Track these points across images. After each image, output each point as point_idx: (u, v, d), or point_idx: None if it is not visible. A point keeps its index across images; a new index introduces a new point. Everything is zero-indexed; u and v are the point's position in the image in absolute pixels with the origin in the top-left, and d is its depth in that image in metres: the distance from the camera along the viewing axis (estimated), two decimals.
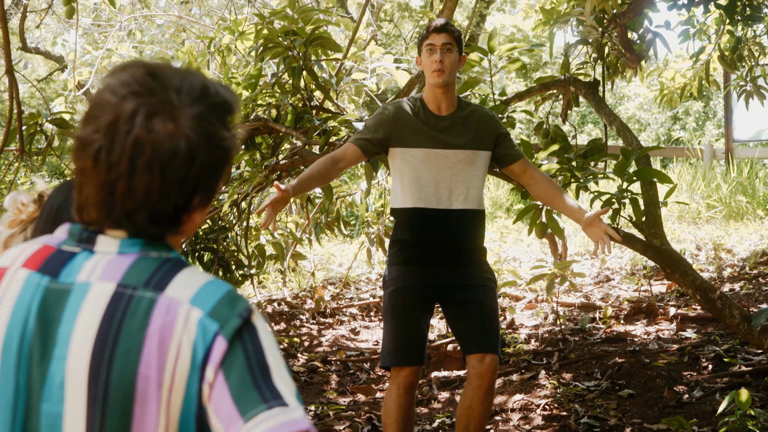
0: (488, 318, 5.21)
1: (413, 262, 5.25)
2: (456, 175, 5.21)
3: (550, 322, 8.86)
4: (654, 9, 8.08)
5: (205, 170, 1.87)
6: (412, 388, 5.24)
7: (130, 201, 1.85)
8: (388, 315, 5.28)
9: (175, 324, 1.82)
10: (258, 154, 7.28)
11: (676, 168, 15.87)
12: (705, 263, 10.65)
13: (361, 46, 10.33)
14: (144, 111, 1.82)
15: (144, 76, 1.86)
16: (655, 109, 26.41)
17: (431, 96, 5.29)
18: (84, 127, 1.86)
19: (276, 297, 10.40)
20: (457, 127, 5.26)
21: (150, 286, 1.85)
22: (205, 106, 1.87)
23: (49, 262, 1.92)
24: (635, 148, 6.72)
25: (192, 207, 1.91)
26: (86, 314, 1.84)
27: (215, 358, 1.80)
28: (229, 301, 1.85)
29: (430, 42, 5.22)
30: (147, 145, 1.81)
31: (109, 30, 13.90)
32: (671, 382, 6.84)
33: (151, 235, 1.91)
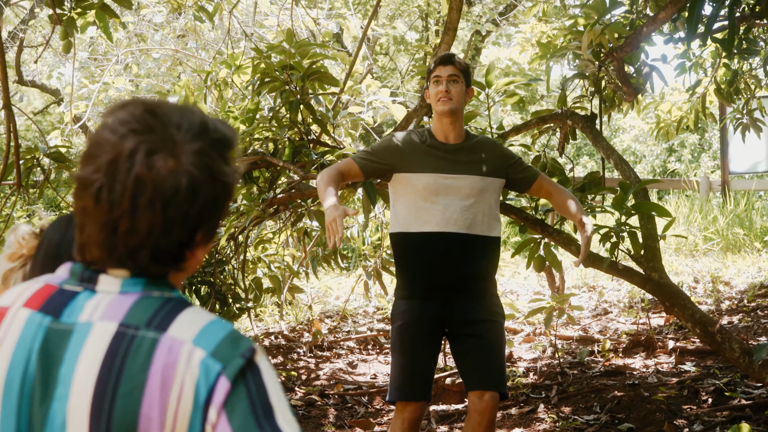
0: (491, 355, 5.17)
1: (418, 295, 5.21)
2: (464, 201, 5.17)
3: (549, 355, 8.84)
4: (650, 43, 8.10)
5: (208, 206, 1.87)
6: (417, 423, 5.22)
7: (133, 239, 1.84)
8: (395, 349, 5.27)
9: (177, 364, 1.80)
10: (255, 187, 7.28)
11: (672, 200, 15.88)
12: (703, 296, 10.64)
13: (358, 80, 10.35)
14: (144, 149, 1.82)
15: (143, 113, 1.86)
16: (650, 141, 26.45)
17: (439, 126, 5.30)
18: (84, 167, 1.86)
19: (273, 330, 10.37)
20: (466, 154, 5.26)
21: (152, 326, 1.84)
22: (205, 141, 1.87)
23: (51, 302, 1.91)
24: (633, 182, 6.72)
25: (195, 243, 1.91)
26: (88, 354, 1.83)
27: (218, 398, 1.78)
28: (231, 340, 1.84)
29: (437, 74, 5.27)
30: (148, 182, 1.81)
31: (105, 64, 13.92)
32: (671, 415, 6.81)
33: (153, 273, 1.90)
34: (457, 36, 22.15)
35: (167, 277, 1.93)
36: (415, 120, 7.12)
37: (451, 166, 5.21)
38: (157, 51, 14.00)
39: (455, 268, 5.17)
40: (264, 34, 12.57)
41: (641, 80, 8.18)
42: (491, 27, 18.88)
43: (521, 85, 7.57)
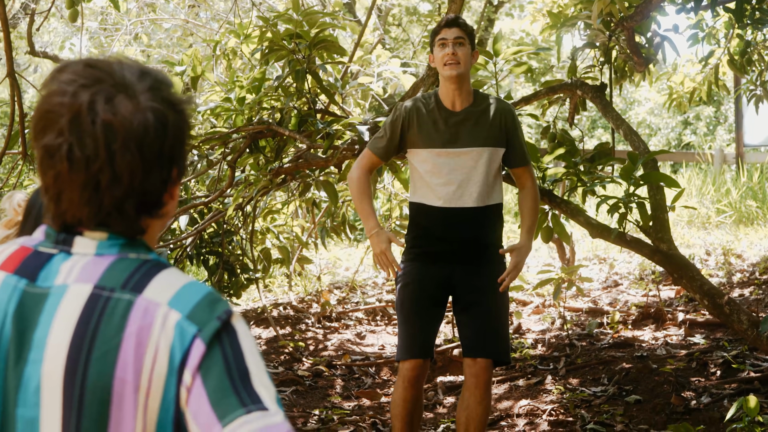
0: (490, 323, 5.24)
1: (424, 259, 5.30)
2: (468, 174, 5.21)
3: (557, 327, 8.81)
4: (662, 12, 8.02)
5: (177, 137, 1.87)
6: (417, 381, 5.27)
7: (118, 189, 1.81)
8: (398, 310, 5.38)
9: (152, 326, 1.77)
10: (262, 157, 7.24)
11: (686, 173, 15.80)
12: (714, 268, 10.59)
13: (368, 50, 10.29)
14: (102, 97, 1.79)
15: (85, 68, 1.83)
16: (665, 113, 26.34)
17: (445, 91, 5.28)
18: (43, 137, 1.82)
19: (282, 301, 10.36)
20: (470, 124, 5.25)
21: (128, 288, 1.81)
22: (151, 79, 1.86)
23: (26, 265, 1.88)
24: (642, 152, 6.66)
25: (172, 181, 1.89)
26: (62, 317, 1.80)
27: (193, 361, 1.76)
28: (208, 303, 1.81)
29: (442, 37, 5.23)
30: (117, 126, 1.79)
31: (115, 34, 13.87)
32: (679, 388, 6.78)
33: (135, 230, 1.88)
34: (471, 7, 22.09)
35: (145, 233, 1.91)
36: (422, 89, 7.07)
37: (456, 139, 5.22)
38: (168, 21, 13.95)
39: (461, 238, 5.25)
40: (274, 5, 12.50)
41: (652, 50, 8.10)
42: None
43: (532, 56, 7.50)
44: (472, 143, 5.21)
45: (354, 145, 6.73)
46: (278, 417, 1.71)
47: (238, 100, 7.05)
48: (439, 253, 5.27)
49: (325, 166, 7.07)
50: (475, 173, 5.21)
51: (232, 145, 7.40)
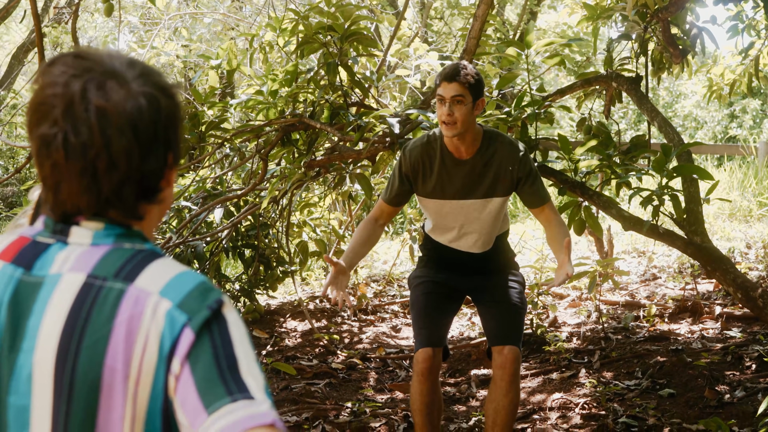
0: (508, 313, 5.29)
1: (439, 265, 5.47)
2: (472, 224, 5.28)
3: (593, 320, 8.76)
4: (700, 4, 7.95)
5: (171, 121, 1.89)
6: (431, 372, 5.24)
7: (116, 173, 1.82)
8: (411, 306, 5.44)
9: (143, 315, 1.78)
10: (295, 150, 7.26)
11: (730, 166, 15.67)
12: (755, 261, 10.49)
13: (406, 43, 10.28)
14: (93, 85, 1.82)
15: (74, 59, 1.86)
16: (712, 106, 26.12)
17: (449, 141, 5.16)
18: (37, 128, 1.84)
19: (318, 294, 10.38)
20: (476, 175, 5.18)
21: (120, 277, 1.82)
22: (140, 67, 1.89)
23: (23, 254, 1.90)
24: (676, 145, 6.62)
25: (168, 166, 1.91)
26: (55, 305, 1.82)
27: (182, 349, 1.77)
28: (200, 292, 1.82)
29: (440, 93, 5.02)
30: (111, 111, 1.81)
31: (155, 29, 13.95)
32: (713, 381, 6.73)
33: (135, 215, 1.90)
34: (513, 0, 22.02)
35: (143, 220, 1.93)
36: None
37: (456, 191, 5.21)
38: (208, 16, 14.01)
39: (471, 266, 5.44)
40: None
41: (689, 42, 8.04)
42: None
43: (573, 49, 7.47)
44: (479, 195, 5.18)
45: (385, 137, 6.73)
46: (264, 406, 1.72)
47: (271, 93, 7.07)
48: (452, 264, 5.44)
49: (358, 159, 7.07)
50: (479, 223, 5.27)
51: (265, 138, 7.43)
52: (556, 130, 18.70)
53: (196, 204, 8.18)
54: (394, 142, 6.60)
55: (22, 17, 17.64)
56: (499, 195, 5.22)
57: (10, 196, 17.33)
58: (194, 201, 8.27)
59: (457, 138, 5.09)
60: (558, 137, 6.54)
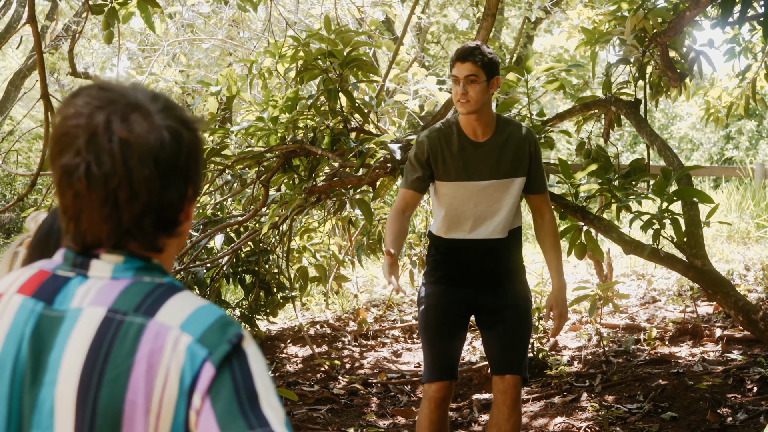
0: (513, 340, 5.27)
1: (446, 281, 5.33)
2: (491, 206, 5.23)
3: (594, 343, 8.77)
4: (698, 27, 8.00)
5: (192, 154, 1.90)
6: (443, 403, 5.29)
7: (137, 204, 1.84)
8: (421, 332, 5.39)
9: (163, 350, 1.79)
10: (296, 176, 7.28)
11: (727, 188, 15.69)
12: (753, 284, 10.50)
13: (404, 68, 10.31)
14: (117, 116, 1.84)
15: (99, 91, 1.88)
16: (707, 128, 26.18)
17: (465, 122, 5.24)
18: (60, 158, 1.85)
19: (319, 319, 10.38)
20: (494, 156, 5.22)
21: (140, 312, 1.83)
22: (164, 101, 1.91)
23: (44, 288, 1.91)
24: (675, 168, 6.65)
25: (188, 198, 1.92)
26: (76, 340, 1.82)
27: (202, 384, 1.77)
28: (219, 326, 1.83)
29: (454, 73, 5.14)
30: (133, 143, 1.82)
31: (153, 55, 13.99)
32: (715, 404, 6.74)
33: (154, 247, 1.91)
34: (509, 24, 22.10)
35: (162, 252, 1.94)
36: (454, 107, 7.08)
37: (476, 171, 5.22)
38: (206, 41, 14.05)
39: (480, 268, 5.31)
40: (311, 23, 12.56)
41: (686, 65, 8.08)
42: (541, 14, 18.75)
43: (570, 72, 7.50)
44: (497, 176, 5.21)
45: (386, 163, 6.75)
46: None
47: (272, 119, 7.09)
48: (459, 276, 5.32)
49: (358, 185, 7.09)
50: (501, 204, 5.24)
51: (266, 164, 7.44)
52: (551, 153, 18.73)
53: (197, 230, 8.19)
54: (395, 168, 6.62)
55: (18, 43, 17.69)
56: (520, 175, 5.26)
57: (7, 223, 17.32)
58: (194, 227, 8.28)
59: (474, 118, 5.18)
60: (558, 162, 6.57)
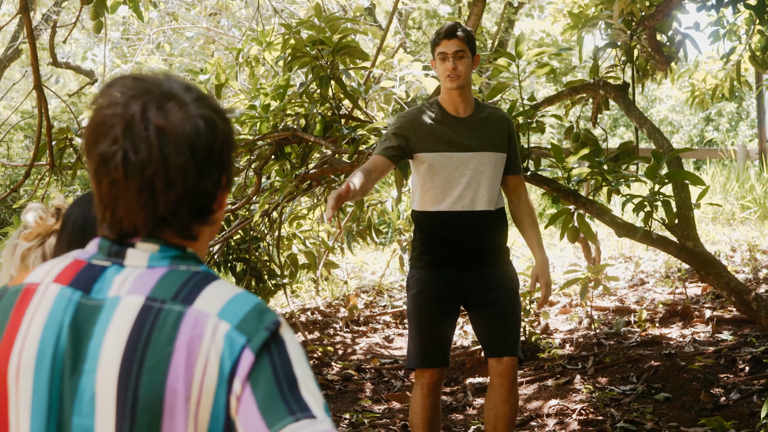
0: (506, 321, 5.30)
1: (434, 265, 5.33)
2: (477, 177, 5.27)
3: (585, 326, 8.81)
4: (683, 11, 8.03)
5: (226, 143, 1.92)
6: (436, 388, 5.35)
7: (173, 191, 1.85)
8: (411, 318, 5.40)
9: (202, 337, 1.81)
10: (288, 163, 7.29)
11: (710, 169, 15.76)
12: (740, 264, 10.57)
13: (390, 54, 10.32)
14: (153, 105, 1.85)
15: (133, 81, 1.90)
16: (687, 111, 26.29)
17: (448, 99, 5.35)
18: (96, 147, 1.87)
19: (309, 306, 10.40)
20: (476, 129, 5.32)
21: (178, 300, 1.85)
22: (196, 91, 1.92)
23: (81, 277, 1.92)
24: (666, 151, 6.69)
25: (222, 187, 1.94)
26: (115, 328, 1.84)
27: (242, 370, 1.79)
28: (257, 314, 1.85)
29: (442, 50, 5.26)
30: (169, 131, 1.84)
31: (138, 44, 13.96)
32: (708, 384, 6.79)
33: (189, 235, 1.93)
34: (490, 8, 22.11)
35: (197, 241, 1.96)
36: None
37: (461, 142, 5.28)
38: (190, 30, 14.02)
39: (467, 243, 5.30)
40: (295, 11, 12.55)
41: (674, 49, 8.12)
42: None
43: (553, 56, 7.54)
44: (481, 148, 5.28)
45: None
46: (326, 424, 1.75)
47: (263, 107, 7.10)
48: (447, 258, 5.30)
49: (350, 171, 7.10)
50: (485, 177, 5.28)
51: (258, 152, 7.45)
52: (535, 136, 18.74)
53: None
54: None
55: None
56: (501, 150, 5.35)
57: None
58: None
59: (458, 94, 5.29)
60: (551, 146, 6.60)
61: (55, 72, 23.23)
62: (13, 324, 1.92)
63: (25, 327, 1.90)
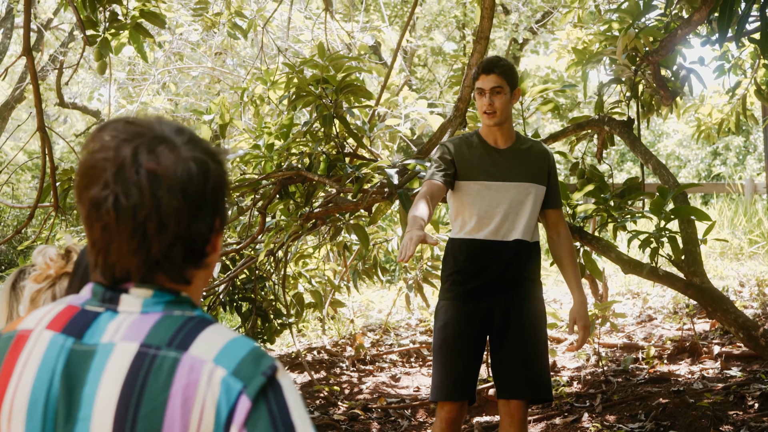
0: (526, 361, 5.24)
1: (463, 298, 5.27)
2: (515, 208, 5.26)
3: (593, 363, 8.76)
4: (687, 45, 8.02)
5: (219, 186, 1.91)
6: (456, 423, 5.28)
7: (166, 235, 1.84)
8: (436, 350, 5.34)
9: (198, 383, 1.79)
10: (292, 203, 7.27)
11: (717, 204, 15.73)
12: (749, 300, 10.52)
13: (395, 92, 10.33)
14: (144, 148, 1.84)
15: (125, 125, 1.89)
16: (694, 145, 26.29)
17: (487, 132, 5.37)
18: (88, 191, 1.86)
19: (316, 345, 10.37)
20: (516, 160, 5.32)
21: (173, 346, 1.83)
22: (189, 134, 1.91)
23: (74, 323, 1.90)
24: (672, 186, 6.65)
25: (215, 230, 1.92)
26: (110, 375, 1.82)
27: (239, 417, 1.77)
28: (253, 359, 1.82)
29: (479, 86, 5.26)
30: (161, 174, 1.82)
31: (143, 84, 14.00)
32: (717, 422, 6.73)
33: (183, 278, 1.91)
34: (495, 45, 22.16)
35: (191, 285, 1.93)
36: (450, 130, 7.09)
37: (501, 173, 5.28)
38: (195, 69, 14.06)
39: (501, 273, 5.25)
40: (300, 50, 12.58)
41: (678, 84, 8.10)
42: (528, 35, 18.83)
43: (557, 92, 7.53)
44: (520, 178, 5.28)
45: (383, 188, 6.74)
46: None
47: (267, 146, 7.10)
48: (477, 288, 5.24)
49: (355, 210, 7.09)
50: (524, 207, 5.27)
51: (263, 191, 7.44)
52: None
53: None
54: (392, 193, 6.62)
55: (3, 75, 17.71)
56: (541, 183, 5.34)
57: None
58: None
59: (496, 128, 5.30)
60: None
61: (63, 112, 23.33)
62: (5, 371, 1.90)
63: (17, 374, 1.88)
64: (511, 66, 5.35)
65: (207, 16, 10.99)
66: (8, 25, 20.36)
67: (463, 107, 7.13)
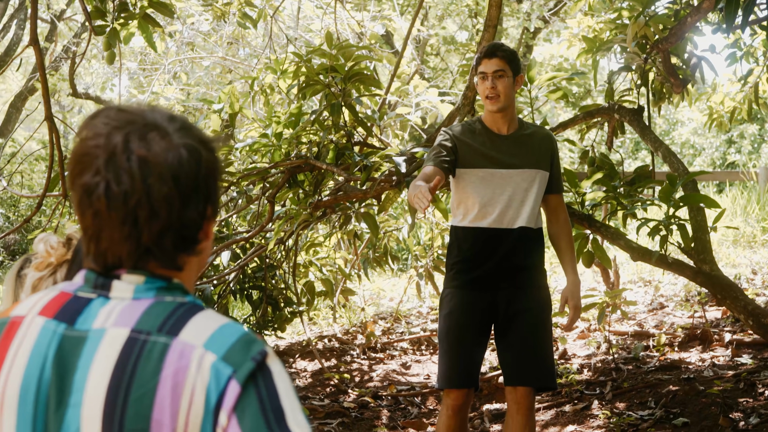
0: (527, 349, 5.25)
1: (468, 286, 5.28)
2: (519, 194, 5.25)
3: (603, 351, 8.75)
4: (698, 33, 8.01)
5: (210, 173, 1.91)
6: (462, 410, 5.30)
7: (157, 222, 1.84)
8: (441, 338, 5.36)
9: (188, 369, 1.79)
10: (301, 191, 7.28)
11: (731, 192, 15.68)
12: (761, 287, 10.49)
13: (405, 81, 10.33)
14: (135, 136, 1.84)
15: (117, 112, 1.89)
16: (709, 133, 26.20)
17: (490, 119, 5.34)
18: (80, 178, 1.86)
19: (327, 333, 10.38)
20: (519, 147, 5.30)
21: (163, 331, 1.83)
22: (180, 121, 1.92)
23: (66, 309, 1.91)
24: (681, 174, 6.65)
25: (207, 217, 1.92)
26: (100, 361, 1.82)
27: (228, 402, 1.77)
28: (243, 344, 1.83)
29: (482, 70, 5.24)
30: (152, 161, 1.83)
31: (154, 74, 14.02)
32: (727, 409, 6.72)
33: (174, 265, 1.91)
34: (508, 34, 22.12)
35: (182, 271, 1.94)
36: (458, 118, 7.09)
37: (503, 159, 5.26)
38: (206, 59, 14.07)
39: (505, 260, 5.25)
40: (311, 39, 12.58)
41: (689, 71, 8.09)
42: (540, 24, 18.80)
43: (567, 80, 7.52)
44: (526, 165, 5.27)
45: (392, 176, 6.75)
46: None
47: (276, 135, 7.10)
48: (481, 277, 5.25)
49: (364, 198, 7.10)
50: (528, 194, 5.26)
51: (271, 180, 7.45)
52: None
53: None
54: (400, 181, 6.62)
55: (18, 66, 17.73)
56: (544, 168, 5.33)
57: (12, 245, 17.33)
58: None
59: (499, 113, 5.28)
60: (564, 171, 6.57)
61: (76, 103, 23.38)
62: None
63: (9, 361, 1.89)
64: (514, 52, 5.33)
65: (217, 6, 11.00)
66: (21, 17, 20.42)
67: (472, 95, 7.12)
